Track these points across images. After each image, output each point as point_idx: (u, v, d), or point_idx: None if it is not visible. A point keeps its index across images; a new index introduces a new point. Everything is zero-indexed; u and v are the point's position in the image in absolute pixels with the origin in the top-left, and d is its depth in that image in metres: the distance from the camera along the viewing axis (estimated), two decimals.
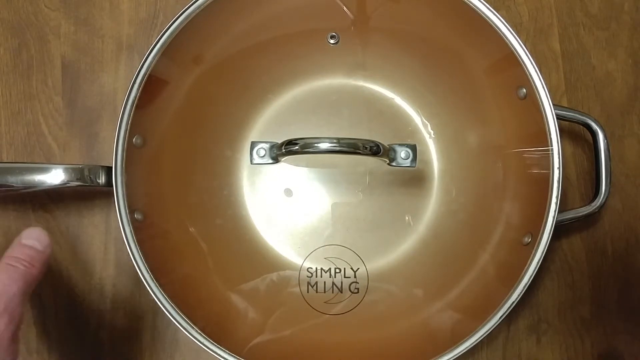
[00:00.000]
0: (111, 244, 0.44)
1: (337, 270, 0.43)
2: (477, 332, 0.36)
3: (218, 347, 0.36)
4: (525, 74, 0.37)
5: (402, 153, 0.38)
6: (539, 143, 0.37)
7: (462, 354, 0.36)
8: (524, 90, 0.38)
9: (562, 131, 0.42)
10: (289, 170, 0.45)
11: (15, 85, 0.46)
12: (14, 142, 0.45)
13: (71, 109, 0.46)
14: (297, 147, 0.36)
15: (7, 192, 0.38)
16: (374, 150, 0.36)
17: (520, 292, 0.36)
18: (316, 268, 0.43)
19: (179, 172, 0.42)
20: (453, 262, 0.43)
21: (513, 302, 0.35)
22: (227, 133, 0.45)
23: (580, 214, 0.40)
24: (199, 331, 0.36)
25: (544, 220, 0.36)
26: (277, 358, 0.39)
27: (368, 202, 0.44)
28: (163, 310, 0.36)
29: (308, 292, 0.43)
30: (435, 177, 0.45)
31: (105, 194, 0.44)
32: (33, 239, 0.30)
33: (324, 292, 0.43)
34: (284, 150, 0.37)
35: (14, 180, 0.38)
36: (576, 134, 0.46)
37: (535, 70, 0.37)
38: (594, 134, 0.40)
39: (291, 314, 0.42)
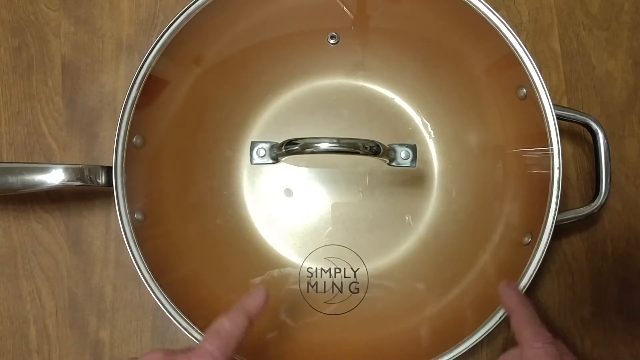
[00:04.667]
0: (111, 244, 0.44)
1: (337, 270, 0.43)
2: (477, 332, 0.36)
3: None
4: (525, 74, 0.37)
5: (402, 153, 0.38)
6: (539, 143, 0.37)
7: (462, 354, 0.36)
8: (524, 90, 0.38)
9: (562, 131, 0.42)
10: (289, 170, 0.45)
11: (15, 85, 0.46)
12: (14, 142, 0.45)
13: (71, 109, 0.46)
14: (297, 147, 0.36)
15: (7, 192, 0.38)
16: (374, 150, 0.36)
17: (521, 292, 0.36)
18: (316, 268, 0.43)
19: (179, 172, 0.42)
20: (453, 262, 0.43)
21: None
22: (227, 133, 0.45)
23: (580, 214, 0.39)
24: (199, 331, 0.36)
25: (544, 220, 0.36)
26: (277, 357, 0.39)
27: (368, 202, 0.44)
28: (163, 310, 0.36)
29: (308, 291, 0.43)
30: (435, 177, 0.45)
31: (105, 194, 0.44)
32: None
33: (324, 292, 0.43)
34: (284, 150, 0.37)
35: (14, 180, 0.38)
36: (576, 134, 0.46)
37: (535, 70, 0.37)
38: (594, 134, 0.40)
39: (291, 314, 0.42)
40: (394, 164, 0.38)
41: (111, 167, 0.37)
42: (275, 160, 0.39)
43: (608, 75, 0.46)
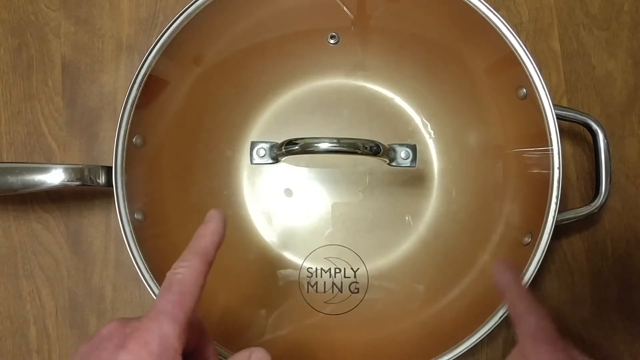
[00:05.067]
0: (111, 244, 0.44)
1: (337, 270, 0.43)
2: (477, 332, 0.36)
3: (218, 347, 0.36)
4: (525, 74, 0.37)
5: (402, 153, 0.38)
6: (539, 143, 0.37)
7: (462, 354, 0.36)
8: (524, 90, 0.38)
9: (562, 131, 0.42)
10: (289, 170, 0.45)
11: (15, 85, 0.46)
12: (14, 142, 0.45)
13: (71, 109, 0.46)
14: (297, 147, 0.36)
15: (7, 192, 0.38)
16: (374, 150, 0.36)
17: None
18: (316, 268, 0.43)
19: (179, 172, 0.42)
20: (453, 262, 0.43)
21: None
22: (227, 133, 0.45)
23: (580, 214, 0.40)
24: None
25: (544, 220, 0.36)
26: (277, 357, 0.39)
27: (368, 202, 0.44)
28: None
29: (308, 292, 0.43)
30: (435, 177, 0.45)
31: (105, 194, 0.44)
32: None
33: (324, 292, 0.43)
34: (284, 150, 0.37)
35: (14, 180, 0.38)
36: (576, 134, 0.46)
37: (535, 70, 0.37)
38: (594, 134, 0.40)
39: (291, 314, 0.42)
40: (394, 164, 0.38)
41: (111, 167, 0.37)
42: (275, 160, 0.39)
43: (608, 75, 0.46)
